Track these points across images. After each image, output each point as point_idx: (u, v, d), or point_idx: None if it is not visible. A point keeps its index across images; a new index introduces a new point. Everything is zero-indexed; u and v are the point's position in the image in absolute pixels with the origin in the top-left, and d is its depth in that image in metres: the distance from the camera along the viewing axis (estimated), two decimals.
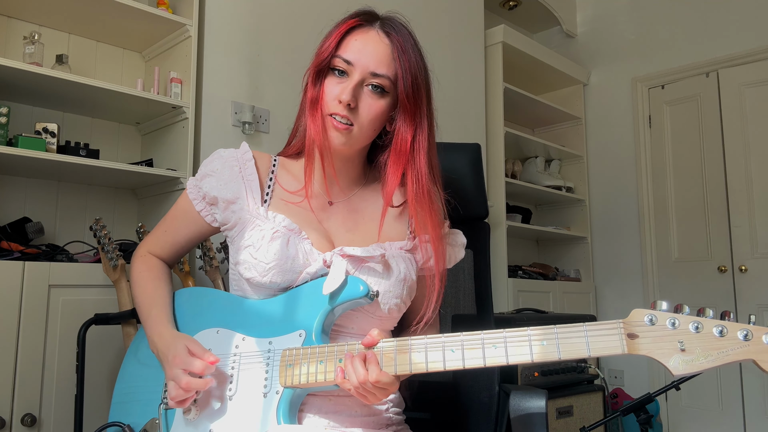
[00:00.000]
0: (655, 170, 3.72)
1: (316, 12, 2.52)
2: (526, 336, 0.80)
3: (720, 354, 0.71)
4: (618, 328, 0.76)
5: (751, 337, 0.71)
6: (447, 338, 0.85)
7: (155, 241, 1.16)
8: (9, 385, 1.54)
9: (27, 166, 1.84)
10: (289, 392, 0.94)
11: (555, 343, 0.78)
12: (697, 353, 0.72)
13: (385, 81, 0.99)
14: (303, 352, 0.94)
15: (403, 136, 1.01)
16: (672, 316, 0.75)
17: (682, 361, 0.73)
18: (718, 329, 0.72)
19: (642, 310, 0.76)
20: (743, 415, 3.24)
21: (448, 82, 3.11)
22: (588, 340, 0.77)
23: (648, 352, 0.74)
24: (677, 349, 0.73)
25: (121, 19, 2.03)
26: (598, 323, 0.77)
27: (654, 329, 0.75)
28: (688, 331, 0.73)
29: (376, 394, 0.87)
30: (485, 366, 0.81)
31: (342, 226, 1.07)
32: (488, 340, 0.82)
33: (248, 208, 1.04)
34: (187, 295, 1.12)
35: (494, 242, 3.28)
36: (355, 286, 0.95)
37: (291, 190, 1.06)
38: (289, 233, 1.01)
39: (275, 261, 0.98)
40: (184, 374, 0.93)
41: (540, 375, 2.40)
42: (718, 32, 3.52)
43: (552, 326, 0.80)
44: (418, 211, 1.01)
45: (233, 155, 1.08)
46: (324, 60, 0.99)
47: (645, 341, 0.75)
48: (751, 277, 3.29)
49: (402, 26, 1.03)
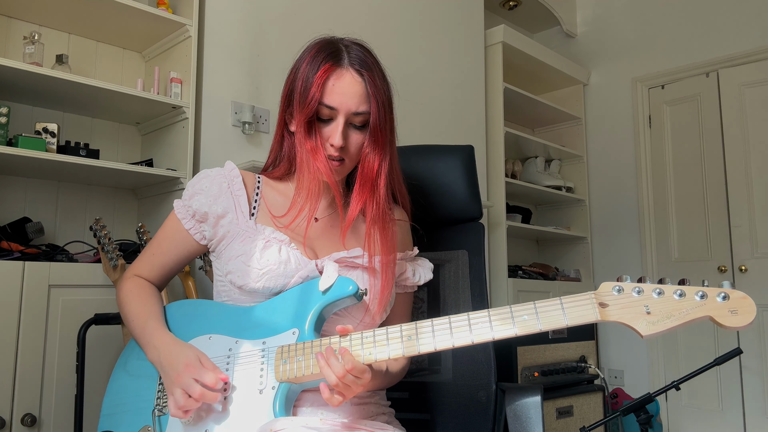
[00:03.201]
0: (655, 170, 3.72)
1: (316, 12, 2.53)
2: (509, 312, 0.87)
3: (681, 314, 0.80)
4: (590, 299, 0.85)
5: (706, 297, 0.80)
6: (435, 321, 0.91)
7: (143, 264, 1.17)
8: (9, 385, 1.54)
9: (27, 166, 1.85)
10: (285, 387, 0.96)
11: (535, 316, 0.85)
12: (661, 315, 0.81)
13: (365, 116, 1.06)
14: (297, 347, 0.97)
15: (369, 164, 1.08)
16: (636, 285, 0.83)
17: (648, 323, 0.81)
18: (678, 292, 0.81)
19: (610, 283, 0.85)
20: (743, 415, 3.24)
21: (448, 82, 3.11)
22: (564, 311, 0.85)
23: (618, 317, 0.83)
24: (643, 312, 0.81)
25: (121, 19, 2.04)
26: (572, 296, 0.85)
27: (621, 297, 0.83)
28: (652, 296, 0.82)
29: (352, 386, 0.90)
30: (473, 343, 0.88)
31: (326, 240, 1.13)
32: (474, 319, 0.89)
33: (237, 222, 1.09)
34: (176, 308, 1.13)
35: (494, 242, 3.28)
36: (345, 285, 1.01)
37: (279, 206, 1.12)
38: (279, 243, 1.07)
39: (269, 266, 1.03)
40: (196, 384, 0.94)
41: (540, 375, 2.41)
42: (718, 32, 3.52)
43: (531, 303, 0.87)
44: (372, 232, 1.08)
45: (220, 173, 1.13)
46: (312, 111, 1.04)
47: (614, 308, 0.83)
48: (751, 277, 3.29)
49: (367, 55, 1.08)
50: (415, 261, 1.22)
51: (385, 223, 1.09)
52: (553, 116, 3.99)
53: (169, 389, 0.97)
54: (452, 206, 1.41)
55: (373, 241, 1.07)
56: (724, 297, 0.79)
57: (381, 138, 1.07)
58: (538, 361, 2.42)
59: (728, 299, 0.79)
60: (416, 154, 1.45)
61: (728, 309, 0.79)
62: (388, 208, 1.11)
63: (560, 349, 2.54)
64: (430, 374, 1.35)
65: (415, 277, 1.20)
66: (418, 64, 2.96)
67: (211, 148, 2.16)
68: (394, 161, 1.14)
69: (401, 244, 1.20)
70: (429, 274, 1.22)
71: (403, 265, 1.18)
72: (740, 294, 0.79)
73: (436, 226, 1.43)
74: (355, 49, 1.08)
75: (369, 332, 0.94)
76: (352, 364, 0.89)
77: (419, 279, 1.20)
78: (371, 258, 1.08)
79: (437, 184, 1.41)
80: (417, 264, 1.22)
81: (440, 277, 1.41)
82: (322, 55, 1.05)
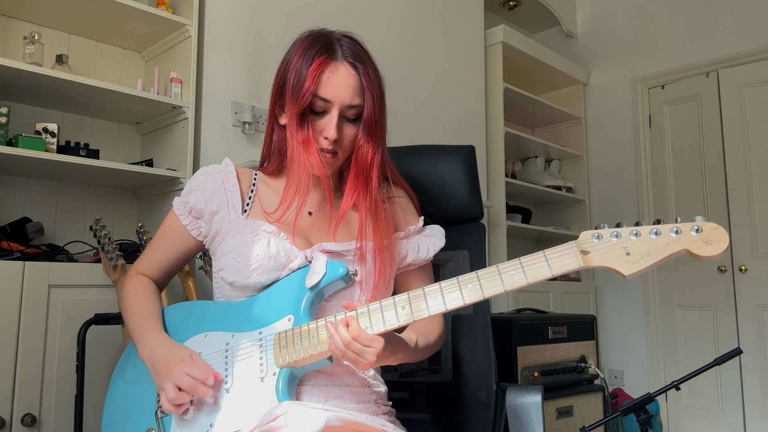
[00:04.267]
0: (655, 170, 3.73)
1: (316, 12, 2.53)
2: (496, 271, 0.89)
3: (659, 250, 0.83)
4: (572, 248, 0.87)
5: (681, 231, 0.83)
6: (427, 288, 0.93)
7: (144, 261, 1.18)
8: (9, 385, 1.54)
9: (27, 166, 1.85)
10: (286, 371, 0.96)
11: (521, 271, 0.88)
12: (641, 254, 0.84)
13: (359, 109, 1.06)
14: (294, 331, 0.98)
15: (363, 156, 1.09)
16: (614, 230, 0.86)
17: (629, 263, 0.84)
18: (654, 231, 0.84)
19: (589, 231, 0.88)
20: (743, 415, 3.24)
21: (448, 82, 3.11)
22: (548, 262, 0.87)
23: (600, 262, 0.85)
24: (623, 254, 0.84)
25: (121, 19, 2.04)
26: (554, 248, 0.88)
27: (601, 243, 0.86)
28: (629, 238, 0.85)
29: (362, 355, 0.91)
30: (465, 304, 0.90)
31: (319, 230, 1.13)
32: (463, 280, 0.91)
33: (229, 218, 1.10)
34: (172, 310, 1.14)
35: (494, 242, 3.28)
36: (335, 268, 1.01)
37: (272, 203, 1.12)
38: (269, 235, 1.07)
39: (258, 261, 1.04)
40: (188, 376, 0.95)
41: (540, 375, 2.40)
42: (718, 32, 3.52)
43: (516, 259, 0.89)
44: (366, 223, 1.08)
45: (216, 169, 1.14)
46: (306, 103, 1.03)
47: (596, 254, 0.86)
48: (751, 277, 3.29)
49: (359, 48, 1.08)
50: (421, 233, 1.20)
51: (377, 214, 1.09)
52: (553, 116, 3.99)
53: (159, 385, 0.98)
54: (453, 206, 1.41)
55: (367, 231, 1.07)
56: (697, 230, 0.82)
57: (375, 130, 1.08)
58: (538, 361, 2.42)
59: (701, 231, 0.82)
60: (417, 154, 1.45)
61: (702, 240, 0.81)
62: (381, 197, 1.11)
63: (560, 349, 2.53)
64: (431, 374, 1.35)
65: (421, 253, 1.17)
66: (417, 64, 2.96)
67: (211, 148, 2.16)
68: (385, 152, 1.15)
69: (401, 223, 1.18)
70: (440, 242, 1.19)
71: (403, 246, 1.15)
72: (712, 225, 0.82)
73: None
74: (348, 42, 1.08)
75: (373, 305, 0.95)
76: (357, 332, 0.90)
77: (428, 252, 1.18)
78: (362, 247, 1.08)
79: (438, 184, 1.41)
80: (424, 236, 1.19)
81: (441, 277, 1.41)
82: (315, 47, 1.05)
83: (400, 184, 1.21)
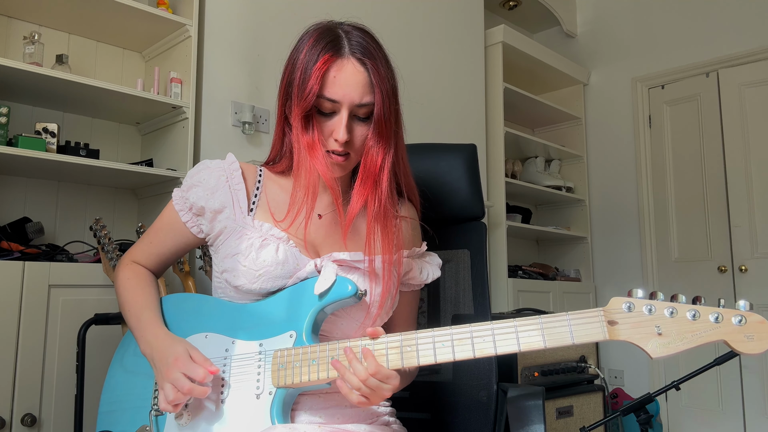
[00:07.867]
0: (655, 170, 3.72)
1: (316, 12, 2.52)
2: (513, 327, 0.83)
3: (694, 336, 0.76)
4: (599, 316, 0.80)
5: (722, 319, 0.76)
6: (437, 332, 0.88)
7: (140, 251, 1.15)
8: (9, 385, 1.54)
9: (27, 166, 1.84)
10: (282, 392, 0.95)
11: (540, 333, 0.82)
12: (673, 336, 0.77)
13: (369, 108, 1.00)
14: (294, 352, 0.95)
15: (372, 158, 1.02)
16: (648, 303, 0.79)
17: (659, 345, 0.77)
18: (692, 313, 0.77)
19: (620, 298, 0.81)
20: (743, 415, 3.24)
21: (448, 82, 3.11)
22: (571, 328, 0.81)
23: (628, 337, 0.79)
24: (654, 333, 0.78)
25: (121, 19, 2.04)
26: (580, 312, 0.81)
27: (632, 315, 0.79)
28: (664, 316, 0.78)
29: (378, 391, 0.88)
30: (475, 357, 0.85)
31: (329, 237, 1.08)
32: (477, 333, 0.85)
33: (234, 217, 1.05)
34: (173, 301, 1.11)
35: (494, 242, 3.28)
36: (344, 285, 0.97)
37: (279, 201, 1.07)
38: (277, 241, 1.02)
39: (265, 268, 1.00)
40: (185, 378, 0.93)
41: (540, 375, 2.40)
42: (718, 32, 3.52)
43: (537, 317, 0.83)
44: (374, 231, 1.02)
45: (220, 165, 1.09)
46: (310, 104, 0.97)
47: (624, 327, 0.79)
48: (751, 277, 3.29)
49: (369, 41, 1.02)
50: (423, 258, 1.16)
51: (387, 221, 1.02)
52: (553, 116, 3.99)
53: (159, 384, 0.97)
54: (454, 205, 1.41)
55: (375, 239, 1.02)
56: (740, 320, 0.74)
57: (385, 130, 1.01)
58: (539, 361, 2.42)
59: (745, 323, 0.74)
60: (418, 153, 1.44)
61: (744, 334, 0.74)
62: (391, 204, 1.04)
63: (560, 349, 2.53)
64: (431, 374, 1.35)
65: (422, 275, 1.14)
66: (418, 65, 2.96)
67: (211, 148, 2.16)
68: (401, 153, 1.08)
69: (408, 242, 1.14)
70: (437, 272, 1.17)
71: (410, 263, 1.12)
72: (758, 318, 0.74)
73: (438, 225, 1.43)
74: (356, 35, 1.01)
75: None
76: (376, 368, 0.86)
77: (427, 277, 1.15)
78: (372, 261, 1.02)
79: (439, 183, 1.40)
80: (425, 261, 1.16)
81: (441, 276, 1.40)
82: (321, 43, 0.99)
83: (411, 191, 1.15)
